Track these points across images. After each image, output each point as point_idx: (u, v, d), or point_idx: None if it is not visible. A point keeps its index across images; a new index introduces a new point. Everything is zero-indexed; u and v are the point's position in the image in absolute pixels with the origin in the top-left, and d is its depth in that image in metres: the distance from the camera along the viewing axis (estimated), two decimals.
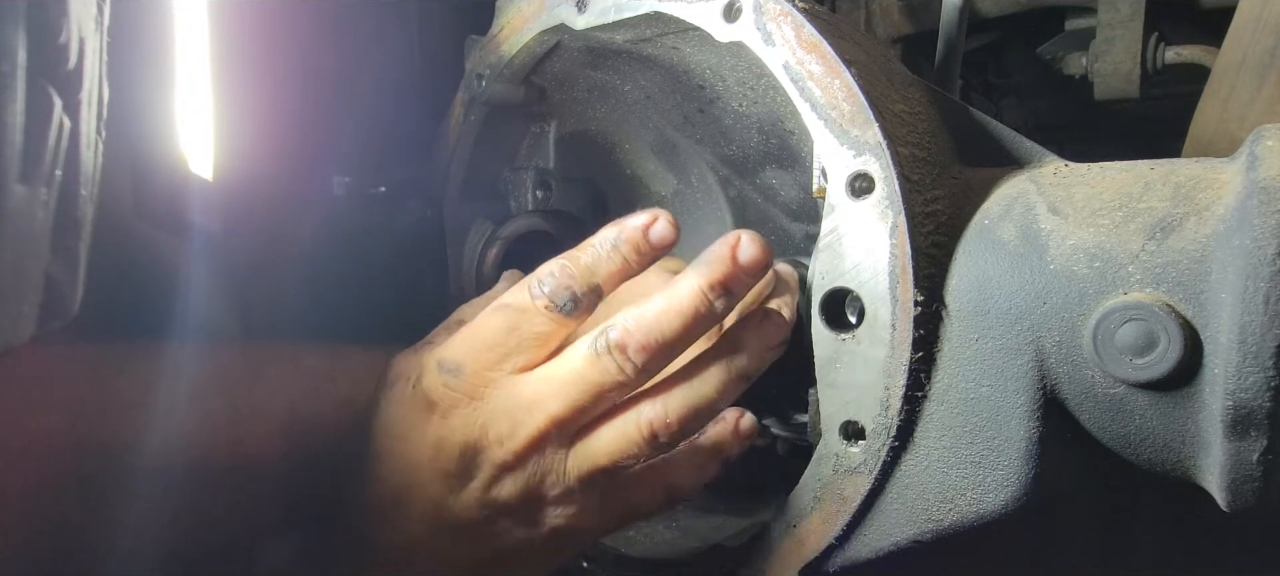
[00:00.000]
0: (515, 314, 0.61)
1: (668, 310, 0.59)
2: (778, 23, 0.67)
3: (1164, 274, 0.55)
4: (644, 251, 0.63)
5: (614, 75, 0.94)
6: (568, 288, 0.61)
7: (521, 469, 0.61)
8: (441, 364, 0.62)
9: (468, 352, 0.62)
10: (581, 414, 0.61)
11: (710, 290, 0.60)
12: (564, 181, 1.00)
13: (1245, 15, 0.92)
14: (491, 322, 0.62)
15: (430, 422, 0.62)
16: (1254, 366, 0.51)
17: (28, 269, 0.43)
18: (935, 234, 0.63)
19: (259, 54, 0.89)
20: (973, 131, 0.72)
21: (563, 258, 0.63)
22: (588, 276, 0.62)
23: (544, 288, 0.61)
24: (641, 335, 0.59)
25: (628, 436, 0.61)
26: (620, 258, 0.62)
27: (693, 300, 0.59)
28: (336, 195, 0.95)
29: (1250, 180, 0.53)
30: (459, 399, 0.61)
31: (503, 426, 0.60)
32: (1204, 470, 0.57)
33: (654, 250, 0.63)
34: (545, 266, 0.62)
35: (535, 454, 0.61)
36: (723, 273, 0.60)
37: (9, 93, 0.39)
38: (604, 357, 0.59)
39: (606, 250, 0.62)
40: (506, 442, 0.60)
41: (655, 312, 0.59)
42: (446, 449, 0.61)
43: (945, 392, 0.62)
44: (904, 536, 0.65)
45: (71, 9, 0.43)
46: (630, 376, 0.60)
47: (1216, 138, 0.95)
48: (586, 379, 0.60)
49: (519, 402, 0.60)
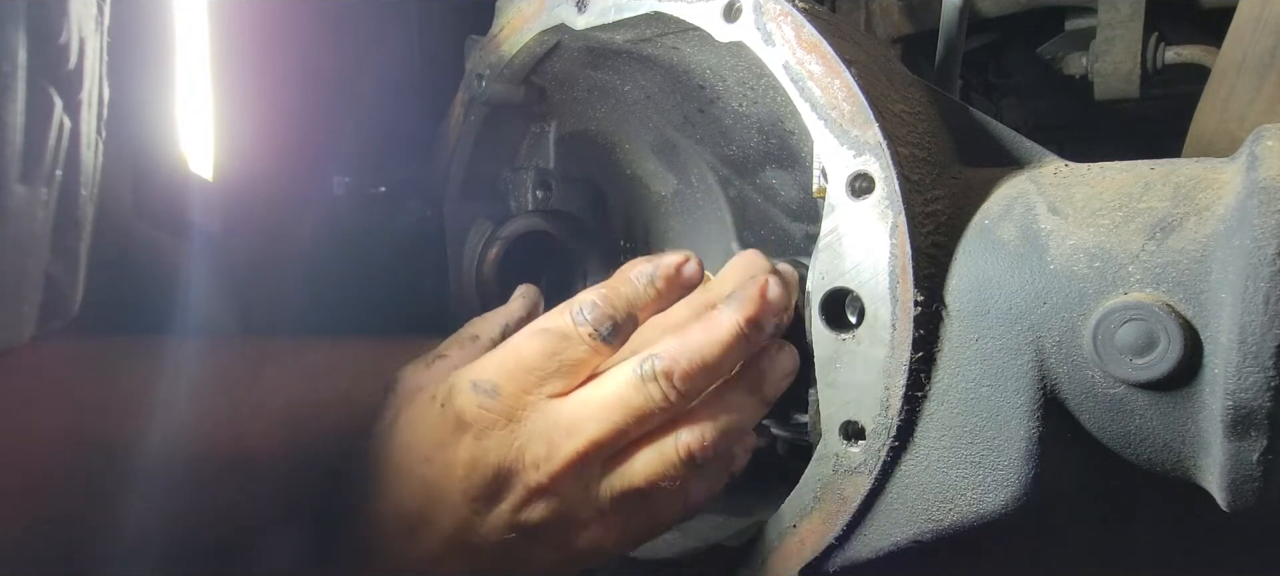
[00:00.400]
0: (557, 339, 0.62)
1: (710, 341, 0.62)
2: (778, 23, 0.67)
3: (1164, 274, 0.55)
4: (676, 288, 0.66)
5: (614, 75, 0.94)
6: (610, 317, 0.63)
7: (555, 492, 0.62)
8: (476, 384, 0.62)
9: (505, 374, 0.62)
10: (621, 437, 0.62)
11: (746, 324, 0.63)
12: (564, 181, 1.00)
13: (1245, 15, 0.92)
14: (532, 346, 0.62)
15: (462, 443, 0.62)
16: (1254, 366, 0.51)
17: (28, 268, 0.43)
18: (935, 234, 0.63)
19: (259, 54, 0.89)
20: (973, 131, 0.72)
21: (603, 287, 0.65)
22: (628, 307, 0.64)
23: (587, 315, 0.62)
24: (686, 363, 0.61)
25: (666, 459, 0.63)
26: (655, 292, 0.65)
27: (732, 332, 0.63)
28: (336, 195, 0.95)
29: (1250, 180, 0.53)
30: (495, 420, 0.61)
31: (540, 449, 0.61)
32: (1204, 470, 0.57)
33: (684, 289, 0.67)
34: (585, 295, 0.64)
35: (571, 477, 0.62)
36: (756, 310, 0.64)
37: (9, 93, 0.39)
38: (650, 384, 0.61)
39: (644, 284, 0.65)
40: (543, 466, 0.61)
41: (698, 343, 0.62)
42: (479, 470, 0.61)
43: (945, 392, 0.62)
44: (904, 536, 0.65)
45: (71, 9, 0.43)
46: (673, 402, 0.62)
47: (1216, 138, 0.95)
48: (630, 403, 0.61)
49: (557, 426, 0.61)
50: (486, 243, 0.95)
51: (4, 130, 0.39)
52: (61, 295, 0.46)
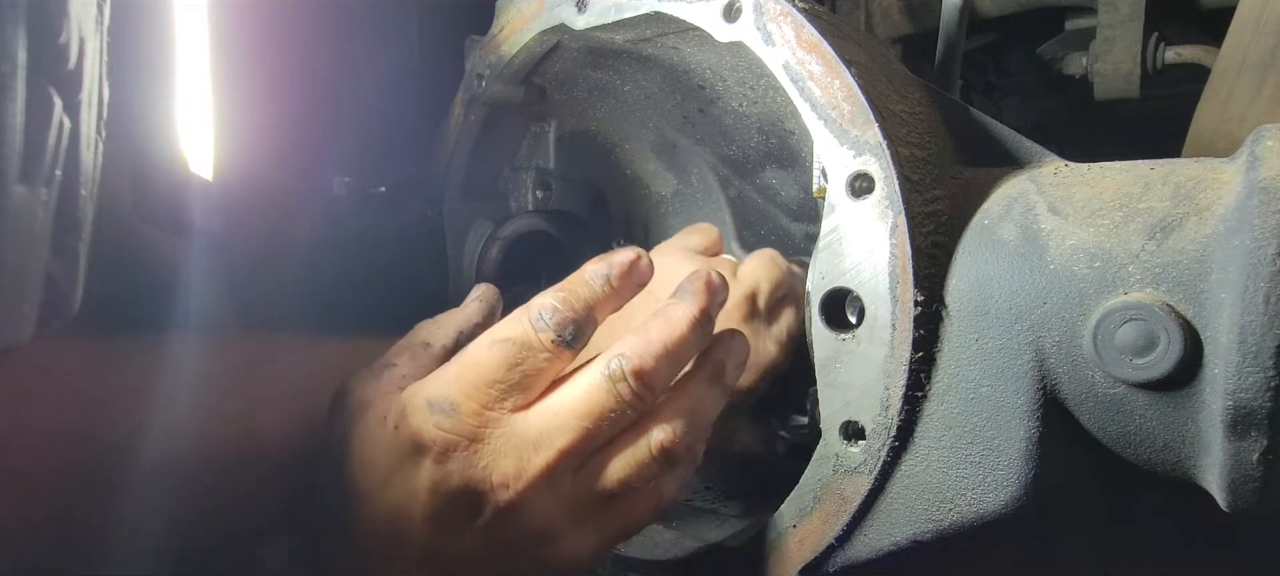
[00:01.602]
0: (516, 348, 0.60)
1: (670, 335, 0.61)
2: (778, 23, 0.67)
3: (1164, 274, 0.55)
4: (631, 284, 0.65)
5: (614, 75, 0.94)
6: (572, 320, 0.61)
7: (528, 508, 0.60)
8: (432, 403, 0.59)
9: (463, 390, 0.59)
10: (592, 442, 0.61)
11: (701, 314, 0.63)
12: (564, 181, 1.00)
13: (1245, 15, 0.92)
14: (491, 357, 0.60)
15: (421, 467, 0.59)
16: (1254, 366, 0.51)
17: (28, 268, 0.43)
18: (935, 234, 0.63)
19: (259, 54, 0.89)
20: (973, 131, 0.72)
21: (559, 289, 0.62)
22: (587, 309, 0.62)
23: (548, 320, 0.60)
24: (652, 358, 0.60)
25: (639, 459, 0.62)
26: (611, 289, 0.63)
27: (690, 325, 0.62)
28: (336, 195, 0.95)
29: (1250, 180, 0.53)
30: (456, 441, 0.58)
31: (508, 467, 0.59)
32: (1204, 470, 0.57)
33: (638, 285, 0.65)
34: (543, 299, 0.62)
35: (543, 490, 0.60)
36: (707, 300, 0.63)
37: (9, 93, 0.39)
38: (620, 383, 0.60)
39: (600, 283, 0.63)
40: (513, 483, 0.59)
41: (660, 337, 0.61)
42: (443, 494, 0.59)
43: (945, 392, 0.62)
44: (904, 536, 0.65)
45: (71, 9, 0.43)
46: (645, 400, 0.61)
47: (1216, 138, 0.95)
48: (600, 406, 0.60)
49: (525, 440, 0.59)
50: (486, 243, 0.95)
51: (4, 130, 0.39)
52: (61, 295, 0.46)
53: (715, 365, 0.66)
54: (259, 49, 0.89)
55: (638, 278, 0.65)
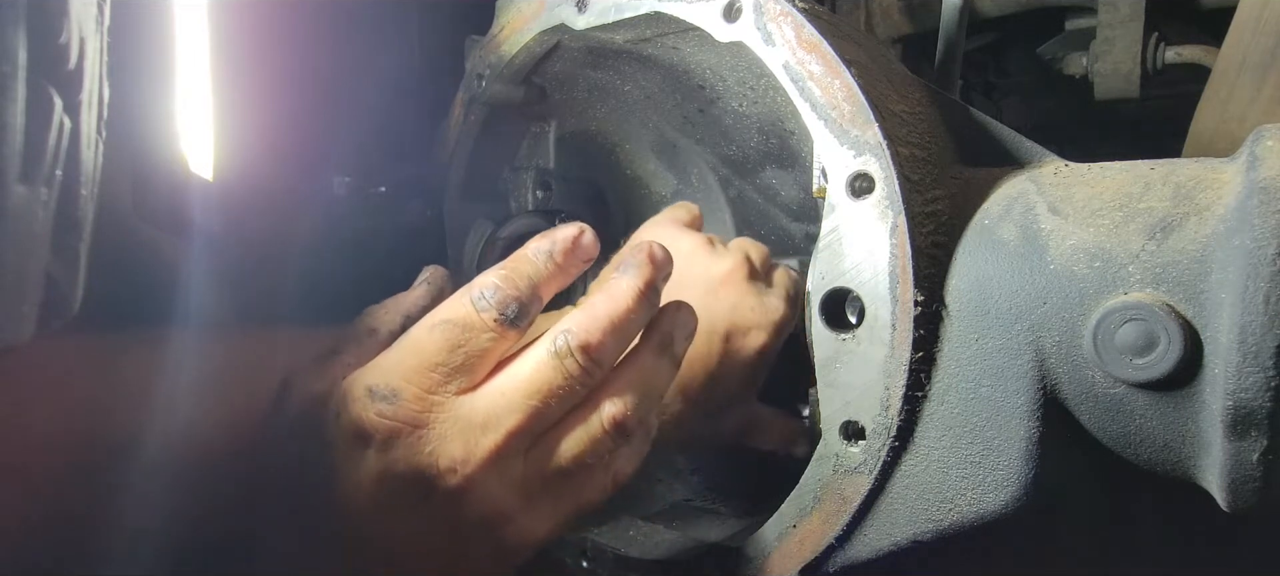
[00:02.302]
0: (458, 330, 0.58)
1: (615, 308, 0.61)
2: (778, 23, 0.67)
3: (1164, 274, 0.55)
4: (575, 260, 0.64)
5: (614, 75, 0.94)
6: (516, 298, 0.59)
7: (478, 492, 0.58)
8: (373, 390, 0.57)
9: (404, 375, 0.58)
10: (541, 421, 0.60)
11: (645, 286, 0.62)
12: (564, 181, 1.00)
13: (1245, 15, 0.92)
14: (432, 340, 0.58)
15: (365, 457, 0.57)
16: (1254, 366, 0.51)
17: (28, 268, 0.43)
18: (935, 234, 0.63)
19: (259, 54, 0.89)
20: (973, 131, 0.72)
21: (501, 268, 0.61)
22: (531, 286, 0.61)
23: (490, 299, 0.59)
24: (599, 332, 0.60)
25: (592, 434, 0.61)
26: (555, 266, 0.62)
27: (634, 295, 0.62)
28: (336, 195, 0.95)
29: (1250, 180, 0.53)
30: (399, 428, 0.57)
31: (455, 451, 0.57)
32: (1204, 470, 0.57)
33: (583, 261, 0.64)
34: (484, 277, 0.60)
35: (493, 473, 0.58)
36: (650, 274, 0.63)
37: (9, 93, 0.39)
38: (567, 360, 0.59)
39: (543, 259, 0.62)
40: (461, 468, 0.58)
41: (606, 310, 0.61)
42: (388, 484, 0.57)
43: (945, 392, 0.62)
44: (904, 536, 0.65)
45: (71, 9, 0.43)
46: (593, 375, 0.60)
47: (1216, 138, 0.95)
48: (549, 383, 0.59)
49: (471, 423, 0.58)
50: (486, 243, 0.95)
51: (4, 130, 0.39)
52: (61, 295, 0.46)
53: (662, 336, 0.65)
54: (259, 49, 0.89)
55: (582, 254, 0.64)
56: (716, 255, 0.84)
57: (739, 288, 0.81)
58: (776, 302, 0.83)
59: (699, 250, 0.84)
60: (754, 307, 0.81)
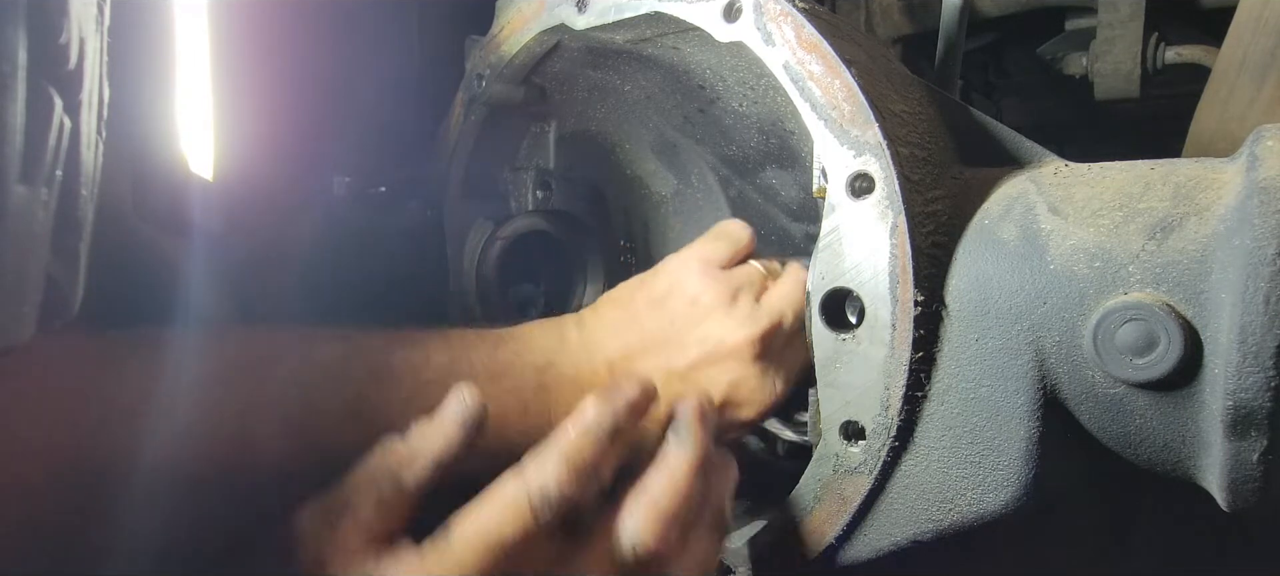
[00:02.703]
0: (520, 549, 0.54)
1: (677, 497, 0.60)
2: (778, 23, 0.67)
3: (1164, 274, 0.55)
4: (635, 420, 0.63)
5: (614, 75, 0.94)
6: (578, 501, 0.57)
7: None
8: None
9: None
10: None
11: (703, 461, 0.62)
12: (564, 181, 1.00)
13: (1245, 15, 0.92)
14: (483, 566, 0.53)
15: None
16: (1254, 366, 0.51)
17: (28, 269, 0.43)
18: (935, 234, 0.63)
19: (259, 53, 0.89)
20: (973, 131, 0.72)
21: (562, 452, 0.57)
22: (597, 474, 0.59)
23: (552, 503, 0.55)
24: (664, 532, 0.59)
25: None
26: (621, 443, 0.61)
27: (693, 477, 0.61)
28: (336, 195, 0.95)
29: (1250, 180, 0.53)
30: None
31: None
32: (1204, 470, 0.57)
33: (640, 415, 0.64)
34: (545, 467, 0.56)
35: None
36: (705, 443, 0.63)
37: (9, 93, 0.39)
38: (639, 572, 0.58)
39: (606, 433, 0.60)
40: None
41: (670, 506, 0.60)
42: None
43: (945, 392, 0.62)
44: (904, 536, 0.65)
45: (71, 9, 0.43)
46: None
47: (1216, 138, 0.95)
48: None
49: None
50: (486, 243, 0.95)
51: (4, 130, 0.39)
52: (62, 295, 0.46)
53: (715, 513, 0.64)
54: (259, 49, 0.89)
55: (640, 410, 0.62)
56: (734, 318, 0.75)
57: (745, 365, 0.75)
58: (776, 385, 0.77)
59: (717, 310, 0.76)
60: (754, 389, 0.76)
